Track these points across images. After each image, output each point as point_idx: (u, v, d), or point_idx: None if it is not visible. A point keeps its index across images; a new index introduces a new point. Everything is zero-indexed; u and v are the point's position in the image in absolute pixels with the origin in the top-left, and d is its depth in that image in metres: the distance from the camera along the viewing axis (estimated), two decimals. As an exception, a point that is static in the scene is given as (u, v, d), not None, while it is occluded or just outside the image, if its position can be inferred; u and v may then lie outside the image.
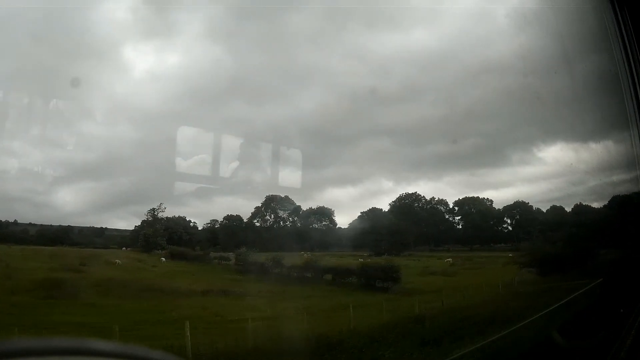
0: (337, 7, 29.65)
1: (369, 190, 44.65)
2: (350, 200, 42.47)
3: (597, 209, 22.75)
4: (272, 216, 37.88)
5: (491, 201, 43.44)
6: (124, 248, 30.66)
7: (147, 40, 34.75)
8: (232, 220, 36.57)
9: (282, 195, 36.20)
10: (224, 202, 40.42)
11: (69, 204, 31.62)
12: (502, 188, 46.97)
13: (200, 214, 36.82)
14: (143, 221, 30.65)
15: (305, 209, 38.20)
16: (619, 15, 5.09)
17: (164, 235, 30.52)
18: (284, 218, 38.12)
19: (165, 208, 30.22)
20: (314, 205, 38.81)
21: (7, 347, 0.91)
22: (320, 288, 24.02)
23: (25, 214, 27.61)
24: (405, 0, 29.88)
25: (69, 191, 31.13)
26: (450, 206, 43.63)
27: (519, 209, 42.57)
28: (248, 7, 29.72)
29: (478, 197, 43.25)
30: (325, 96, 36.18)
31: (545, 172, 35.02)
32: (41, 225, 28.80)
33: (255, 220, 37.41)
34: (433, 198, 42.61)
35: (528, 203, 41.43)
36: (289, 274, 26.42)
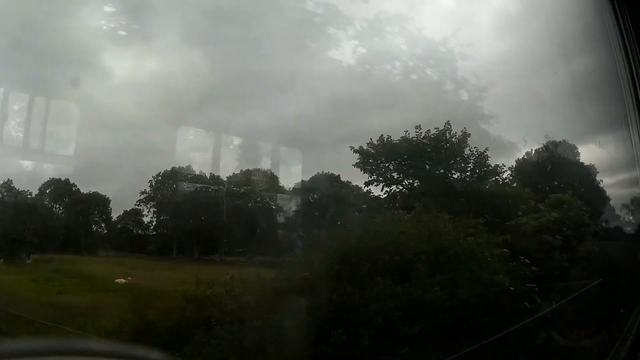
0: (316, 12, 29.12)
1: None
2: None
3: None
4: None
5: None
6: None
7: (124, 46, 34.13)
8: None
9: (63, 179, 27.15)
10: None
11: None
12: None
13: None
14: None
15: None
16: (619, 15, 5.09)
17: None
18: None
19: None
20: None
21: (7, 347, 0.90)
22: None
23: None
24: (389, 3, 29.44)
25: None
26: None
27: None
28: (226, 12, 29.27)
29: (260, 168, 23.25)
30: (306, 102, 35.41)
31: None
32: None
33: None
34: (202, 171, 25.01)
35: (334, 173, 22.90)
36: None
